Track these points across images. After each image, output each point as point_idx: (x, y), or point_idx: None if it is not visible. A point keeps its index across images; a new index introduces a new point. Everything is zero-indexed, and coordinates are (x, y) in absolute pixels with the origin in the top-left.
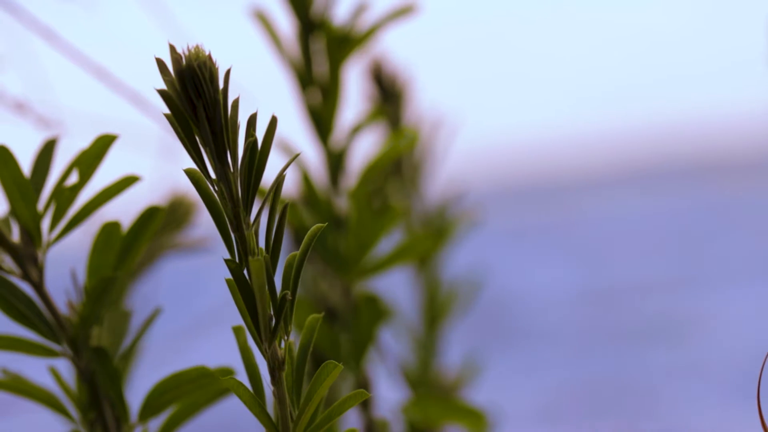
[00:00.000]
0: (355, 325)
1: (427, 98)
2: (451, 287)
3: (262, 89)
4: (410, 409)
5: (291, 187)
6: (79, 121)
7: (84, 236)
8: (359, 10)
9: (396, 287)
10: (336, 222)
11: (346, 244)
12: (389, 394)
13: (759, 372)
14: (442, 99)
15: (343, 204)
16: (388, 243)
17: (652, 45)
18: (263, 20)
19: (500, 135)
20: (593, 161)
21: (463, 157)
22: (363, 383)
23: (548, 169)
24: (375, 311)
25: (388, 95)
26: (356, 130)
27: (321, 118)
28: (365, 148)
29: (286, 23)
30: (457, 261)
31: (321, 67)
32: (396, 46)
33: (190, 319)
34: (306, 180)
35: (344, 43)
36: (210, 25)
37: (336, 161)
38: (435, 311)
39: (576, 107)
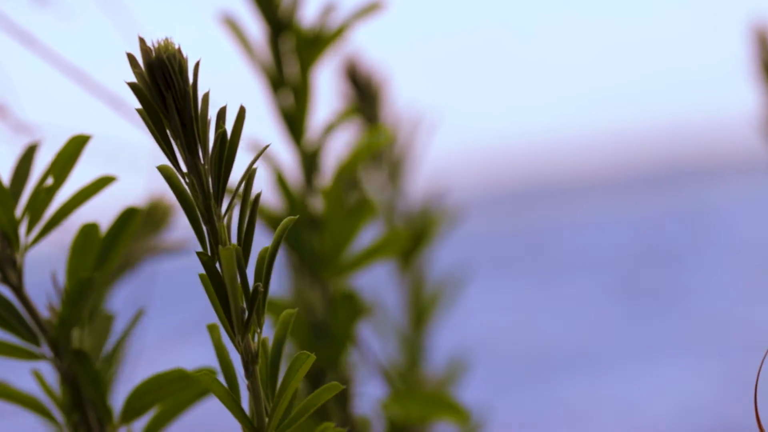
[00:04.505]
0: (332, 322)
1: (414, 99)
2: (435, 286)
3: (233, 94)
4: (390, 405)
5: (266, 188)
6: (45, 132)
7: (65, 240)
8: (327, 10)
9: (381, 286)
10: (311, 221)
11: (322, 242)
12: (370, 392)
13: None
14: (436, 103)
15: (318, 203)
16: (365, 240)
17: (641, 52)
18: (232, 25)
19: (492, 139)
20: (585, 165)
21: (456, 161)
22: (342, 381)
23: (541, 173)
24: (352, 308)
25: (364, 94)
26: (329, 129)
27: (293, 119)
28: (340, 146)
29: (254, 27)
30: (442, 261)
31: (291, 68)
32: (394, 53)
33: (183, 320)
34: (280, 180)
35: (314, 44)
36: (181, 35)
37: (310, 161)
38: (420, 310)
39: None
